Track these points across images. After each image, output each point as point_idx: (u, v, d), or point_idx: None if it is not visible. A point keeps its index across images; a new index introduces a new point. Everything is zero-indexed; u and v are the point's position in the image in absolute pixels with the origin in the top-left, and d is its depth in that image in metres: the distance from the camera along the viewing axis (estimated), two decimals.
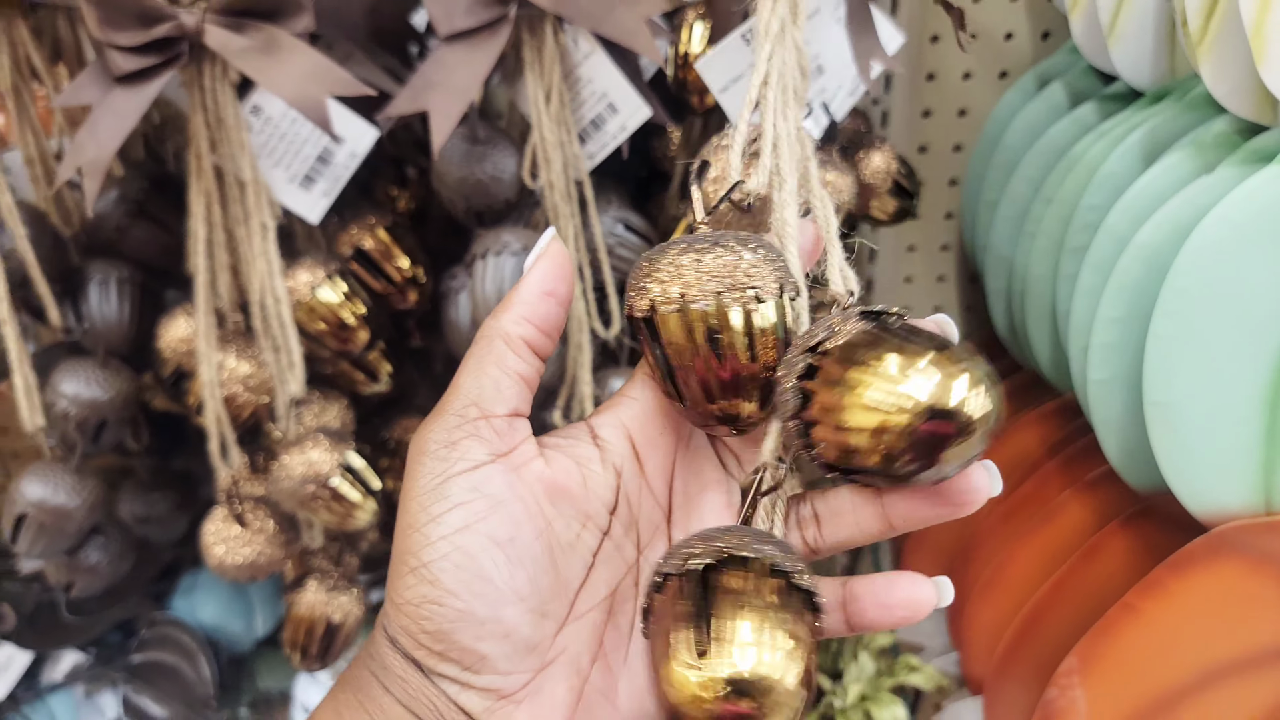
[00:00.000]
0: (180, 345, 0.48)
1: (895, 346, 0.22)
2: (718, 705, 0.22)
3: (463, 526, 0.25)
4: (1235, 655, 0.50)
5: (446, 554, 0.24)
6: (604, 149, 0.45)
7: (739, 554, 0.23)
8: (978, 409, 0.22)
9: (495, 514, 0.25)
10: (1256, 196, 0.42)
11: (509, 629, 0.25)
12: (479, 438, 0.25)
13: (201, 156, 0.43)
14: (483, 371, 0.26)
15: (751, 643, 0.22)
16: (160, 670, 0.68)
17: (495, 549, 0.25)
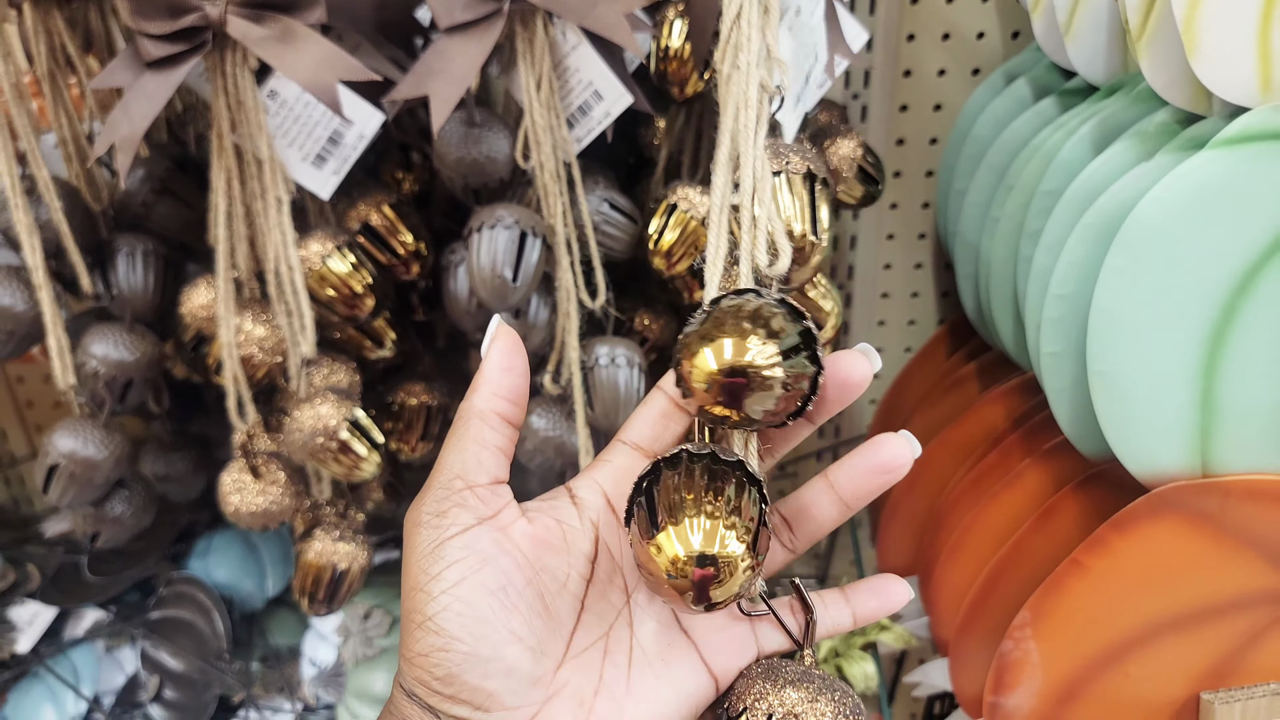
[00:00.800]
0: (201, 311, 0.52)
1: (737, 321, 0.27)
2: (686, 571, 0.26)
3: (459, 580, 0.28)
4: (1177, 610, 0.53)
5: (448, 605, 0.27)
6: (590, 133, 0.49)
7: (691, 453, 0.28)
8: (767, 367, 0.26)
9: (487, 567, 0.28)
10: (1186, 180, 0.45)
11: (511, 665, 0.28)
12: (465, 506, 0.29)
13: (223, 136, 0.47)
14: (464, 448, 0.29)
15: (700, 525, 0.26)
16: (177, 626, 0.72)
17: (490, 596, 0.28)
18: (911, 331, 0.80)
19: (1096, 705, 0.55)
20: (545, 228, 0.48)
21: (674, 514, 0.27)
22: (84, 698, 0.70)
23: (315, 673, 0.70)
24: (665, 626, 0.31)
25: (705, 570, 0.26)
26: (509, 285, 0.47)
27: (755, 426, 0.28)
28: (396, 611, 0.72)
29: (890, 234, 0.76)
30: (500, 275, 0.47)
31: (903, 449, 0.31)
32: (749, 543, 0.27)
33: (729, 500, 0.27)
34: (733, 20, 0.32)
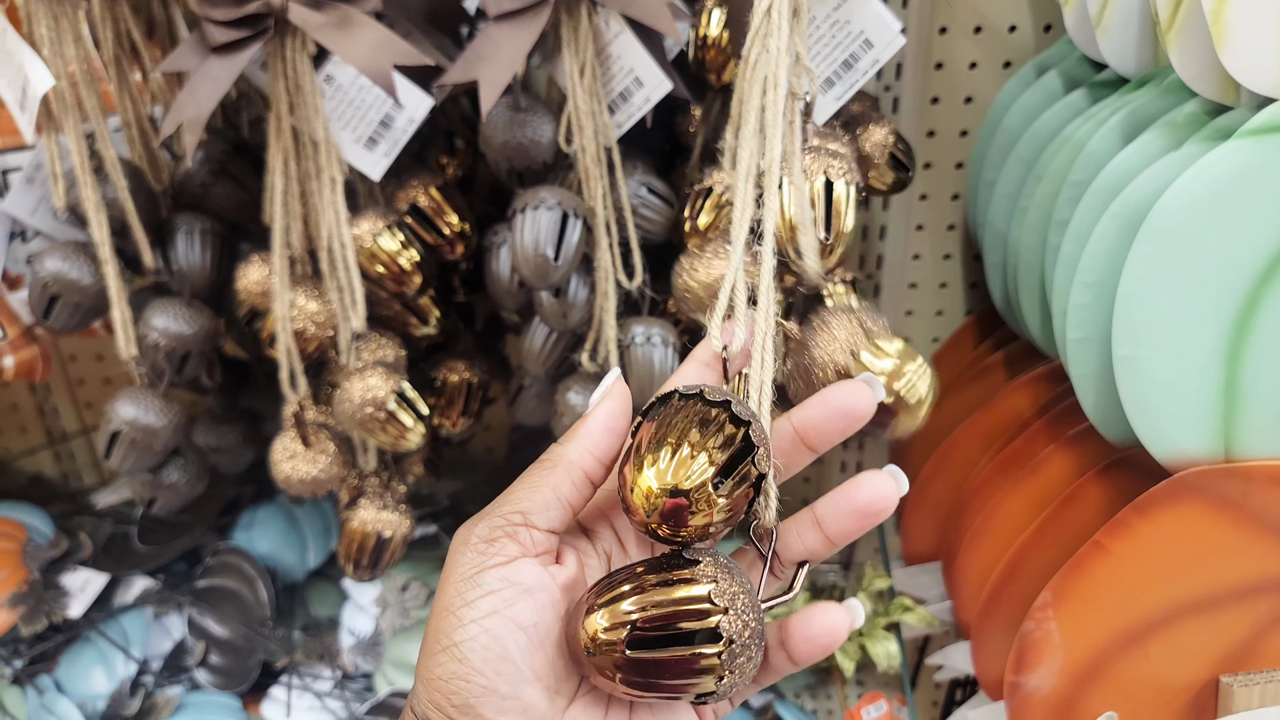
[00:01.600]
0: (255, 287, 0.55)
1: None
2: (659, 502, 0.27)
3: (492, 611, 0.28)
4: (1197, 593, 0.54)
5: (475, 635, 0.28)
6: (630, 119, 0.51)
7: (681, 392, 0.28)
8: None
9: (521, 601, 0.28)
10: (1212, 169, 0.46)
11: (527, 705, 0.28)
12: (516, 540, 0.29)
13: (281, 118, 0.49)
14: (538, 491, 0.29)
15: (677, 460, 0.27)
16: (223, 594, 0.75)
17: (519, 633, 0.28)
18: (939, 322, 0.81)
19: (1116, 686, 0.56)
20: (586, 209, 0.50)
21: (651, 450, 0.27)
22: (134, 659, 0.73)
23: (354, 642, 0.73)
24: None
25: (676, 500, 0.26)
26: (550, 264, 0.49)
27: (699, 540, 0.28)
28: (432, 584, 0.74)
29: (919, 225, 0.77)
30: (542, 254, 0.49)
31: (886, 490, 0.30)
32: (721, 477, 0.27)
33: (705, 437, 0.27)
34: (763, 13, 0.34)
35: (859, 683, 0.73)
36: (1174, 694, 0.56)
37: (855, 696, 0.70)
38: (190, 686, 0.73)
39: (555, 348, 0.56)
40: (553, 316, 0.53)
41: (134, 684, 0.72)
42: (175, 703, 0.72)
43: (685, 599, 0.27)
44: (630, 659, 0.27)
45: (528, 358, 0.57)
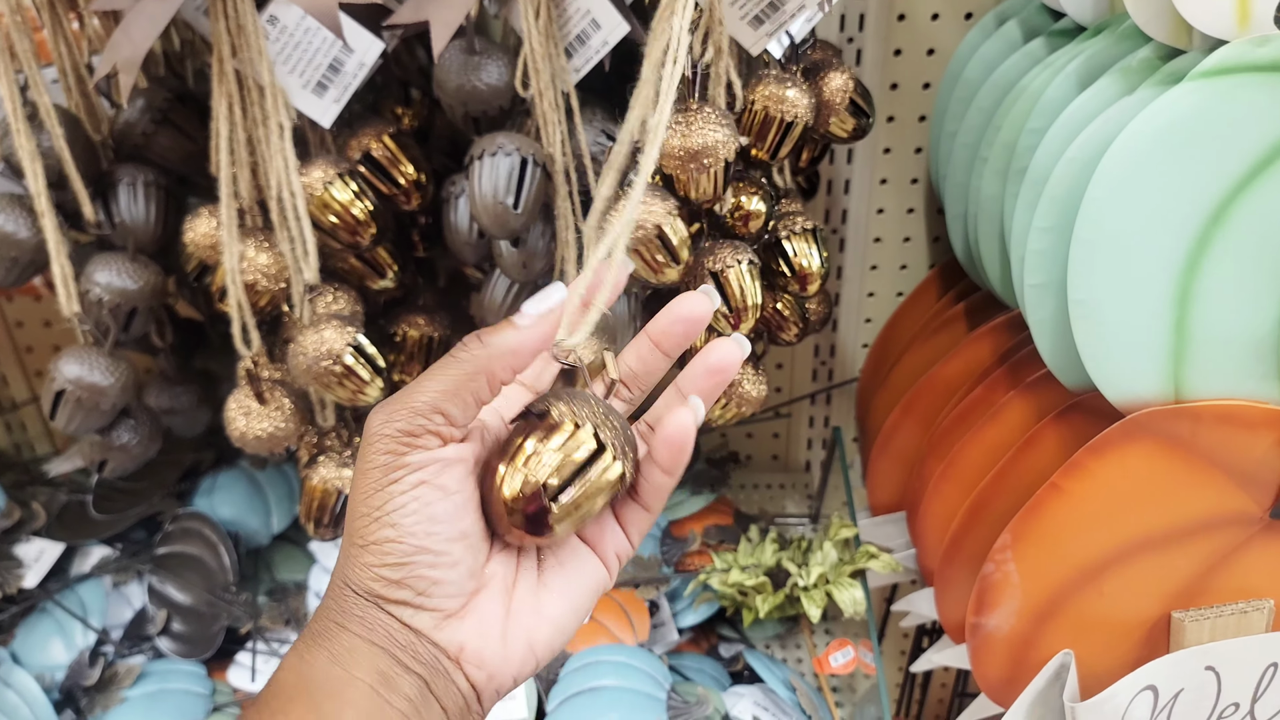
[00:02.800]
0: (204, 240, 0.53)
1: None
2: (523, 503, 0.30)
3: (420, 482, 0.30)
4: (1150, 531, 0.55)
5: (405, 504, 0.30)
6: (588, 62, 0.50)
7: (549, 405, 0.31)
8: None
9: (446, 471, 0.30)
10: (1164, 113, 0.47)
11: (457, 559, 0.30)
12: (439, 435, 0.30)
13: (223, 61, 0.48)
14: (457, 393, 0.30)
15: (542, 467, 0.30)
16: (184, 560, 0.73)
17: (446, 498, 0.30)
18: (903, 276, 0.81)
19: (1073, 624, 0.58)
20: (545, 156, 0.49)
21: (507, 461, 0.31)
22: (93, 629, 0.72)
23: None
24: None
25: (529, 507, 0.30)
26: (510, 212, 0.48)
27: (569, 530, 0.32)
28: None
29: (883, 179, 0.77)
30: (502, 202, 0.48)
31: (729, 350, 0.33)
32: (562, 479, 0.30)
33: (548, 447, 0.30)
34: None
35: (826, 631, 0.74)
36: (1128, 630, 0.57)
37: (823, 643, 0.71)
38: (153, 655, 0.72)
39: (516, 300, 0.56)
40: (513, 268, 0.52)
41: (94, 654, 0.71)
42: (137, 672, 0.70)
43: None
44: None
45: (488, 311, 0.56)
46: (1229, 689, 0.57)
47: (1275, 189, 0.46)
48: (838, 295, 0.83)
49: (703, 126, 0.45)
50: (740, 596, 0.69)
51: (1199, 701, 0.56)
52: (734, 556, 0.73)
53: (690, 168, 0.46)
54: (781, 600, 0.67)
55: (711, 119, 0.45)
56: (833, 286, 0.82)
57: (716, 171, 0.46)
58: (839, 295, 0.83)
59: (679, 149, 0.46)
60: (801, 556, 0.73)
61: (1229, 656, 0.55)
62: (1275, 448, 0.51)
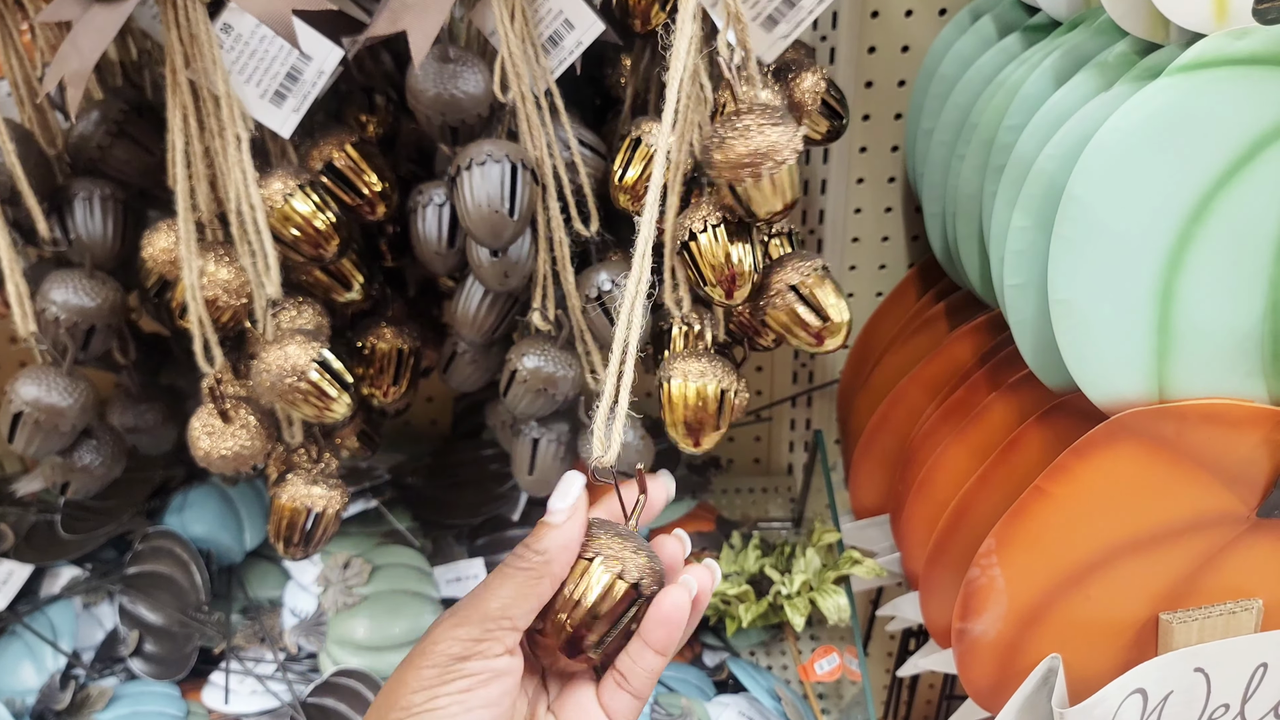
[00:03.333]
0: (163, 255, 0.51)
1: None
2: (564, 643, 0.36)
3: (466, 690, 0.32)
4: (1136, 532, 0.54)
5: (446, 706, 0.32)
6: (561, 64, 0.49)
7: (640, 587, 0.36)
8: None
9: (494, 681, 0.33)
10: (1142, 108, 0.46)
11: None
12: (503, 642, 0.33)
13: (177, 71, 0.46)
14: (525, 598, 0.34)
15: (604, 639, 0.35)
16: (155, 580, 0.72)
17: (486, 709, 0.33)
18: (882, 276, 0.80)
19: (1060, 627, 0.57)
20: (531, 160, 0.48)
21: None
22: (63, 653, 0.70)
23: (296, 622, 0.71)
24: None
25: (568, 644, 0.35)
26: (507, 220, 0.47)
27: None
28: (375, 560, 0.72)
29: (860, 178, 0.76)
30: (497, 211, 0.46)
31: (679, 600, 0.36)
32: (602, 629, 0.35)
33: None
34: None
35: (812, 637, 0.74)
36: (1116, 633, 0.57)
37: (808, 650, 0.70)
38: (126, 677, 0.71)
39: (492, 310, 0.54)
40: (493, 278, 0.51)
41: (65, 676, 0.69)
42: (110, 694, 0.69)
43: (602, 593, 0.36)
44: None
45: (462, 323, 0.55)
46: (1219, 690, 0.56)
47: (1256, 184, 0.46)
48: None
49: (760, 126, 0.42)
50: (723, 605, 0.68)
51: (1189, 703, 0.56)
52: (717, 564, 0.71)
53: (763, 172, 0.42)
54: (765, 609, 0.66)
55: (768, 115, 0.42)
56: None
57: (791, 169, 0.44)
58: None
59: (742, 154, 0.42)
60: (785, 562, 0.72)
61: (1218, 657, 0.55)
62: (1261, 446, 0.50)
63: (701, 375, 0.48)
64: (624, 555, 0.35)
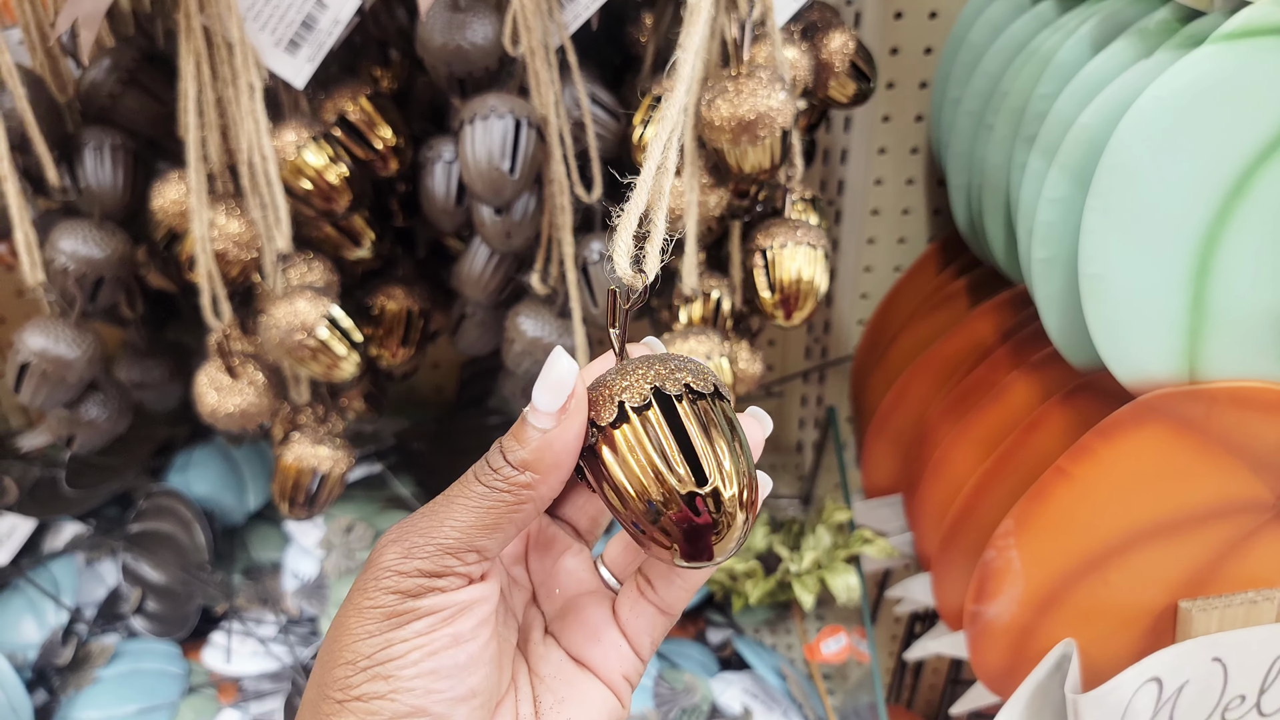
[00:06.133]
0: (173, 207, 0.50)
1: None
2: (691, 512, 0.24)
3: (428, 629, 0.25)
4: (1159, 517, 0.53)
5: (404, 654, 0.25)
6: (577, 18, 0.47)
7: (693, 386, 0.25)
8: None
9: (462, 615, 0.25)
10: (1184, 76, 0.44)
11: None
12: (466, 575, 0.25)
13: (190, 16, 0.45)
14: (501, 528, 0.25)
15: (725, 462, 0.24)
16: (158, 538, 0.71)
17: (457, 648, 0.25)
18: (901, 249, 0.79)
19: (1076, 612, 0.56)
20: (538, 118, 0.47)
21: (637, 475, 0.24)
22: (65, 608, 0.70)
23: (298, 585, 0.70)
24: (560, 660, 0.29)
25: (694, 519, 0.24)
26: (506, 178, 0.45)
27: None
28: (379, 525, 0.72)
29: (882, 148, 0.74)
30: (497, 167, 0.45)
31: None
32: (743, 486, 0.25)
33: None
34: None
35: (818, 616, 0.73)
36: (1133, 619, 0.56)
37: (814, 630, 0.69)
38: (127, 634, 0.70)
39: (498, 271, 0.53)
40: (495, 237, 0.50)
41: (66, 632, 0.69)
42: (111, 651, 0.68)
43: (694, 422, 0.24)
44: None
45: (467, 283, 0.54)
46: (1235, 680, 0.55)
47: None
48: (833, 269, 0.80)
49: (754, 92, 0.42)
50: (730, 582, 0.67)
51: (1204, 693, 0.55)
52: None
53: (742, 139, 0.42)
54: (773, 586, 0.65)
55: (766, 84, 0.42)
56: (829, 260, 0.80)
57: (774, 142, 0.43)
58: (834, 270, 0.80)
59: (729, 119, 0.42)
60: (794, 540, 0.71)
61: (1237, 647, 0.54)
62: None
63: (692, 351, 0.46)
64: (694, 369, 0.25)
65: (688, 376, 0.24)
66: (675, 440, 0.24)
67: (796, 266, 0.48)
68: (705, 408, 0.24)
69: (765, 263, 0.48)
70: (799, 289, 0.48)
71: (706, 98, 0.43)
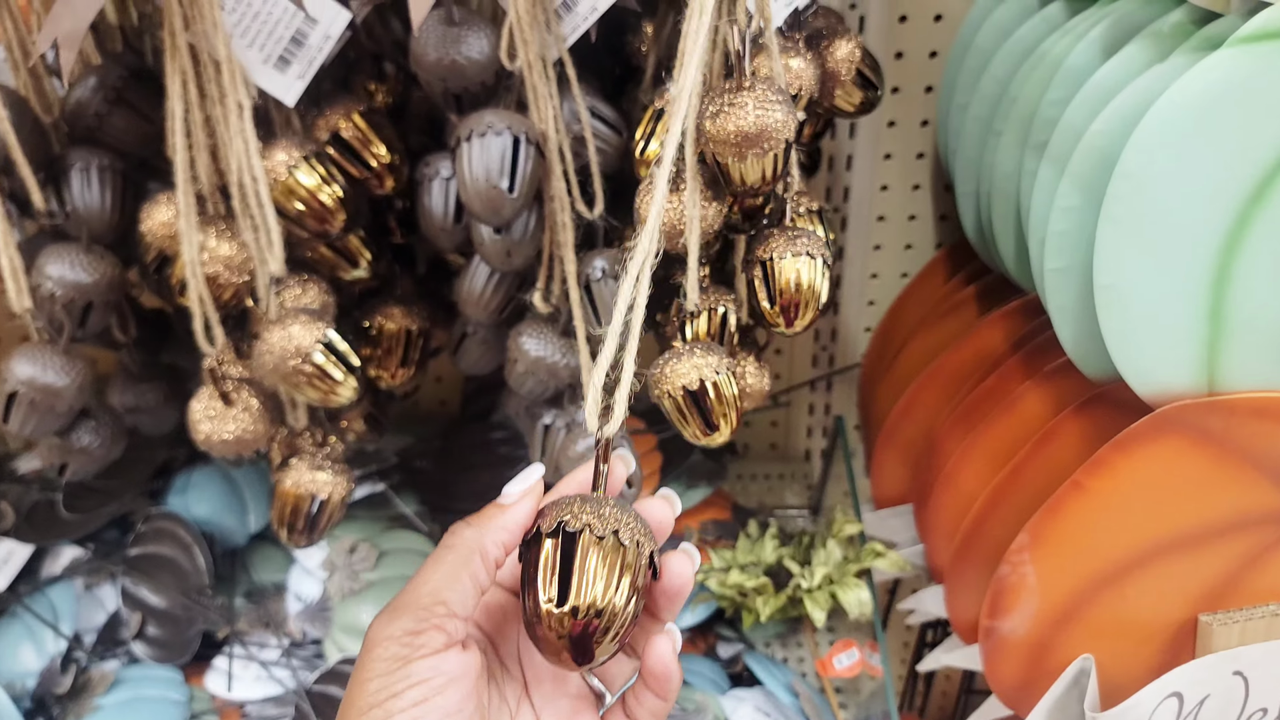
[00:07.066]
0: (162, 230, 0.49)
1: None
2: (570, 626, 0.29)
3: (421, 700, 0.28)
4: (1177, 531, 0.52)
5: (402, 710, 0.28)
6: (575, 30, 0.46)
7: (593, 528, 0.30)
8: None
9: (450, 688, 0.29)
10: (1202, 80, 0.43)
11: None
12: (444, 630, 0.29)
13: (175, 34, 0.43)
14: (458, 579, 0.30)
15: (596, 586, 0.29)
16: (157, 562, 0.70)
17: (448, 718, 0.29)
18: (908, 256, 0.78)
19: (1092, 628, 0.55)
20: (537, 134, 0.45)
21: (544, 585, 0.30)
22: (64, 636, 0.69)
23: (301, 608, 0.69)
24: None
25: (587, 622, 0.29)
26: (505, 197, 0.44)
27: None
28: (382, 545, 0.70)
29: (888, 154, 0.73)
30: (496, 186, 0.44)
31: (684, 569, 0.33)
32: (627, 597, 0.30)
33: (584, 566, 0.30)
34: None
35: (829, 629, 0.72)
36: (1151, 634, 0.55)
37: (826, 642, 0.68)
38: (127, 660, 0.69)
39: (499, 290, 0.52)
40: (495, 256, 0.49)
41: (66, 659, 0.68)
42: (111, 678, 0.67)
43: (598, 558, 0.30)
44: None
45: (468, 302, 0.52)
46: (1257, 694, 0.54)
47: None
48: (839, 277, 0.79)
49: (759, 106, 0.40)
50: (740, 597, 0.66)
51: (1225, 708, 0.54)
52: (733, 554, 0.69)
53: (749, 154, 0.41)
54: (784, 602, 0.64)
55: (768, 97, 0.41)
56: (834, 267, 0.79)
57: (777, 156, 0.42)
58: (840, 277, 0.79)
59: (732, 133, 0.41)
60: (803, 553, 0.70)
61: (1259, 661, 0.52)
62: None
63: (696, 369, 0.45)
64: (608, 515, 0.30)
65: (593, 519, 0.30)
66: (560, 565, 0.29)
67: (795, 275, 0.47)
68: (594, 546, 0.30)
69: (765, 273, 0.47)
70: (799, 297, 0.47)
71: (710, 110, 0.42)
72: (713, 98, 0.42)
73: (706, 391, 0.44)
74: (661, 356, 0.46)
